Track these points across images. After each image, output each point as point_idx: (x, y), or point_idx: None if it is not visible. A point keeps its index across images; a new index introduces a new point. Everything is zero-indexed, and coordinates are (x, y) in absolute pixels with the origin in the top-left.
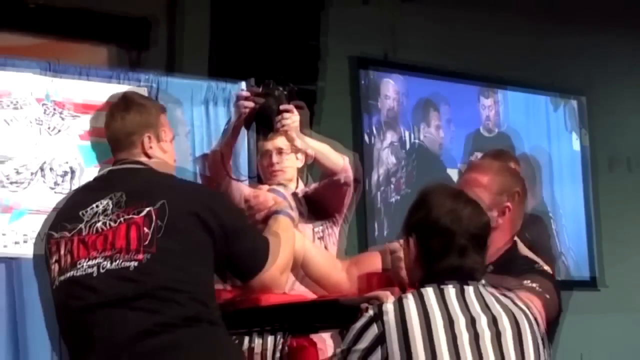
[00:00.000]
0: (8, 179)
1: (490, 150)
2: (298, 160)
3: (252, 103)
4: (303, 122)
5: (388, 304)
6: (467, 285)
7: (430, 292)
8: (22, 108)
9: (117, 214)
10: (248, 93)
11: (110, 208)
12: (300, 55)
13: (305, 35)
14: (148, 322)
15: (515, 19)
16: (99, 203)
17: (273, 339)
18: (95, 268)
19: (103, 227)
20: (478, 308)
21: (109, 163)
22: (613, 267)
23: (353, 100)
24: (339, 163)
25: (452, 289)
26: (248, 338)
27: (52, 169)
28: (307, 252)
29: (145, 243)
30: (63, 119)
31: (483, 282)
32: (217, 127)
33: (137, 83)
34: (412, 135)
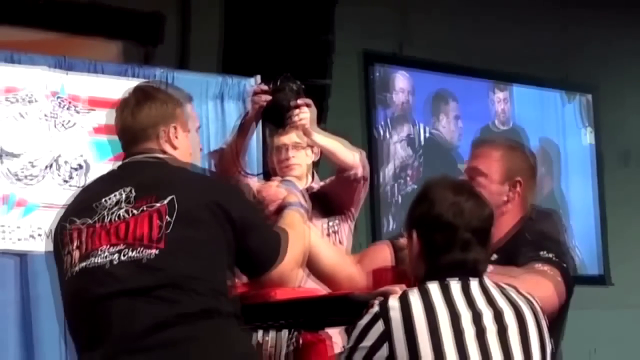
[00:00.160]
0: (22, 173)
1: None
2: (310, 156)
3: (268, 97)
4: (312, 119)
5: (392, 301)
6: (470, 280)
7: (434, 287)
8: (34, 103)
9: (139, 203)
10: (264, 87)
11: (133, 196)
12: (312, 50)
13: (317, 30)
14: (167, 312)
15: (527, 15)
16: (122, 191)
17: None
18: (116, 255)
19: (125, 215)
20: (482, 303)
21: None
22: (623, 263)
23: (364, 95)
24: (354, 158)
25: (455, 284)
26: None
27: (65, 163)
28: (316, 246)
29: (167, 231)
30: (75, 114)
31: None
32: (229, 122)
33: (149, 78)
34: (424, 129)
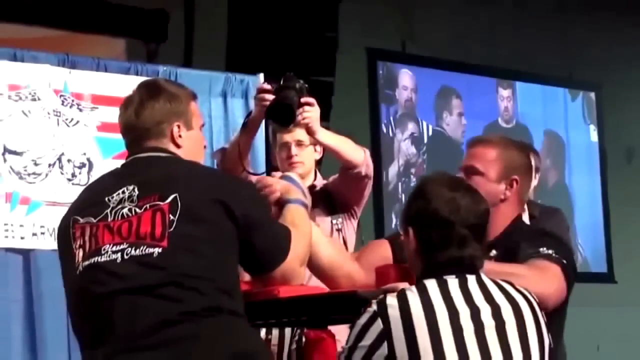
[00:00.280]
0: (25, 171)
1: None
2: (316, 153)
3: (271, 96)
4: (316, 117)
5: (390, 299)
6: (468, 276)
7: (432, 284)
8: (39, 100)
9: (142, 201)
10: (269, 86)
11: (136, 195)
12: (316, 48)
13: (323, 27)
14: (171, 310)
15: (531, 13)
16: (125, 189)
17: (289, 331)
18: (120, 254)
19: (129, 213)
20: (480, 299)
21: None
22: (626, 261)
23: (370, 92)
24: (359, 156)
25: (453, 281)
26: (264, 330)
27: (69, 161)
28: (315, 242)
29: (171, 230)
30: (80, 111)
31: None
32: (233, 119)
33: (154, 75)
34: (431, 125)
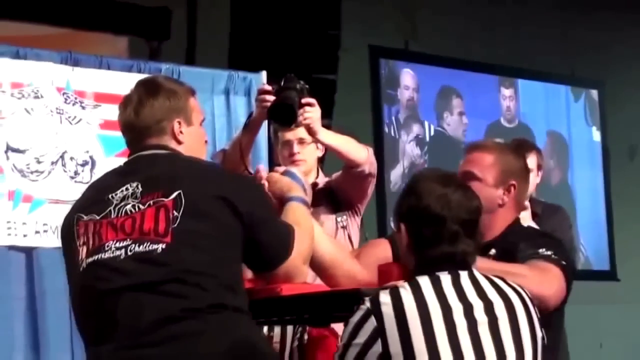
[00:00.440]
0: (28, 168)
1: (512, 140)
2: (318, 150)
3: (272, 97)
4: (317, 118)
5: (383, 296)
6: (460, 272)
7: (425, 281)
8: (42, 97)
9: (145, 198)
10: (270, 87)
11: (139, 191)
12: (319, 46)
13: (325, 25)
14: (174, 307)
15: (533, 9)
16: (128, 186)
17: (291, 329)
18: (123, 250)
19: (132, 210)
20: (473, 295)
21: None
22: (629, 259)
23: (373, 91)
24: (363, 154)
25: (446, 277)
26: (266, 327)
27: (72, 159)
28: (318, 240)
29: (174, 226)
30: (83, 109)
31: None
32: (236, 117)
33: (157, 73)
34: (433, 125)
